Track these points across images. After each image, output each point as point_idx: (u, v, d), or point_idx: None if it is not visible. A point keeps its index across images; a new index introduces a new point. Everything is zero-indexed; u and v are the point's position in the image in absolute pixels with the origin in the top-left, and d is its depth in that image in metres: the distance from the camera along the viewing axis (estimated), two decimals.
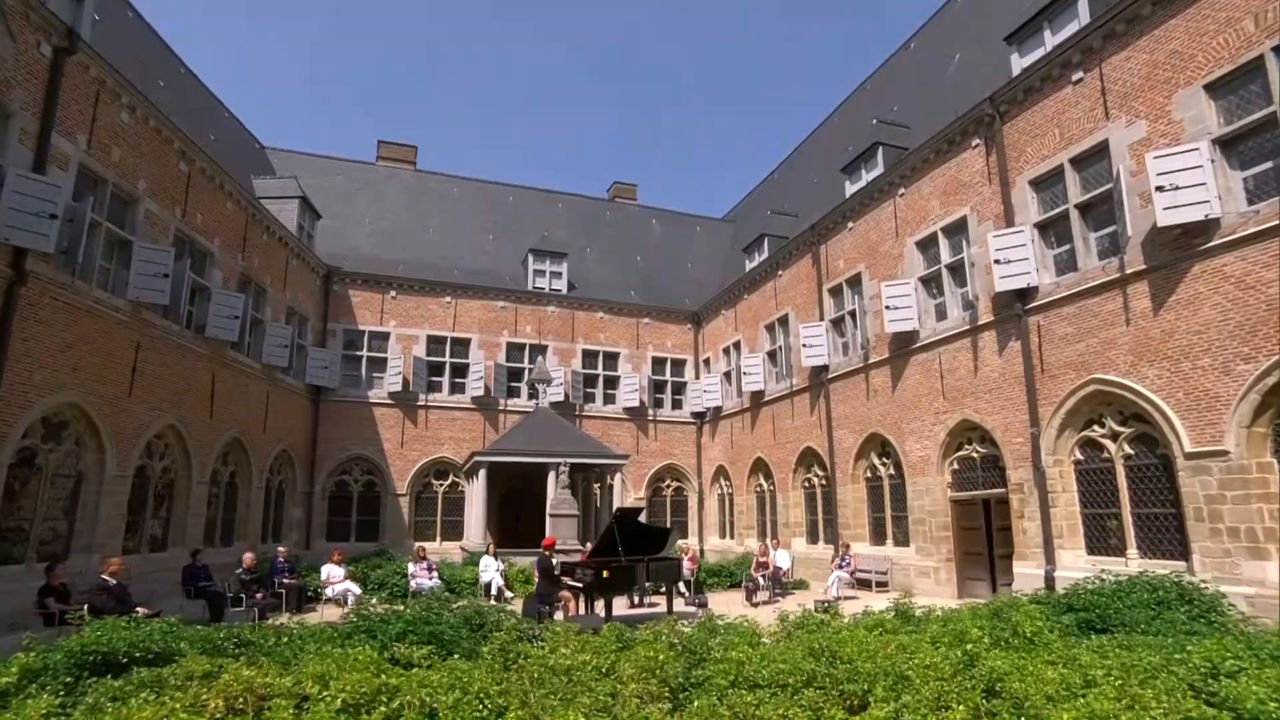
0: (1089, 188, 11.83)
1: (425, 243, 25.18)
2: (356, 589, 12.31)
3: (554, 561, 10.40)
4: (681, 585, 14.46)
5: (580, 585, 9.68)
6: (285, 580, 11.97)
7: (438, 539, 21.76)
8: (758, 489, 21.89)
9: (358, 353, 22.04)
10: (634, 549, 10.41)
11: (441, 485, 22.34)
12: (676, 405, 25.88)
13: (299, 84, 78.22)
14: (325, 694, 4.43)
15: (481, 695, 4.66)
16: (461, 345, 23.37)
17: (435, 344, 23.05)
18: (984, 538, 13.69)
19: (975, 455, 13.88)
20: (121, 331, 12.48)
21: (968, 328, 13.89)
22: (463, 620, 6.40)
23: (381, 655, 5.55)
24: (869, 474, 16.89)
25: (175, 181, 14.10)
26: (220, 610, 10.60)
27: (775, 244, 21.87)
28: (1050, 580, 11.55)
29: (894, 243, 16.25)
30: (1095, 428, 11.59)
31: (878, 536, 16.48)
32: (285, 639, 6.08)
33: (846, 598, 13.86)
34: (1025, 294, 12.64)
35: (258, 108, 71.38)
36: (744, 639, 6.29)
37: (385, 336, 22.43)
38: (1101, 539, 11.43)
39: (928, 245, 15.38)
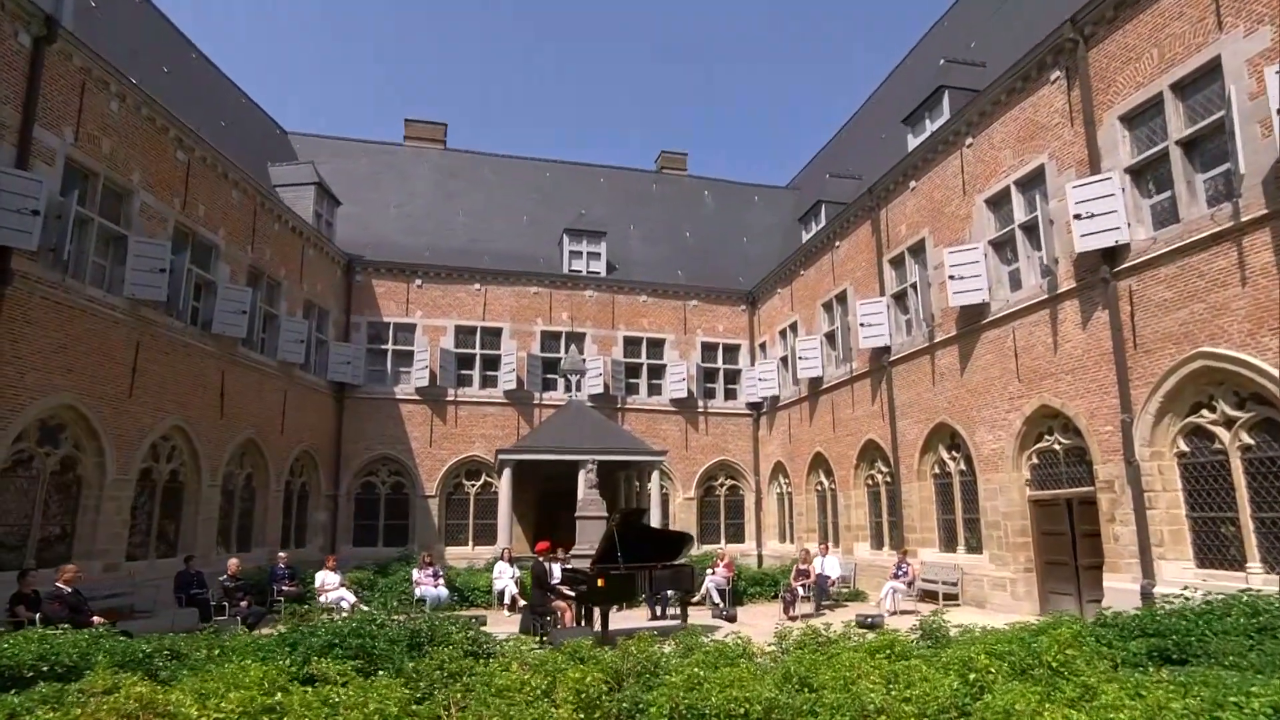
0: (1195, 118, 10.61)
1: (454, 227, 25.58)
2: (351, 597, 12.58)
3: (553, 568, 10.25)
4: (716, 595, 14.14)
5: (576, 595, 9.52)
6: (284, 588, 12.36)
7: (470, 543, 22.16)
8: (818, 487, 21.19)
9: (382, 346, 22.63)
10: (640, 555, 10.15)
11: (473, 486, 22.71)
12: (730, 395, 25.36)
13: (326, 64, 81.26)
14: (203, 714, 4.41)
15: (384, 717, 4.55)
16: (492, 335, 23.63)
17: (464, 335, 23.39)
18: (1070, 545, 12.68)
19: (1057, 448, 12.85)
20: (119, 330, 13.14)
21: (1045, 297, 12.84)
22: (407, 634, 6.32)
23: (300, 671, 5.53)
24: (937, 470, 15.99)
25: (173, 172, 14.72)
26: (209, 619, 11.02)
27: (834, 212, 21.00)
28: (1148, 596, 10.53)
29: (961, 202, 15.24)
30: (1204, 413, 10.45)
31: (948, 542, 15.58)
32: (217, 651, 6.17)
33: (904, 611, 13.15)
34: (1113, 254, 11.53)
35: (283, 92, 74.57)
36: (721, 660, 5.96)
37: (411, 328, 22.93)
38: (1215, 549, 10.32)
39: (999, 203, 14.34)
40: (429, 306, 23.19)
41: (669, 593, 11.71)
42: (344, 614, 11.50)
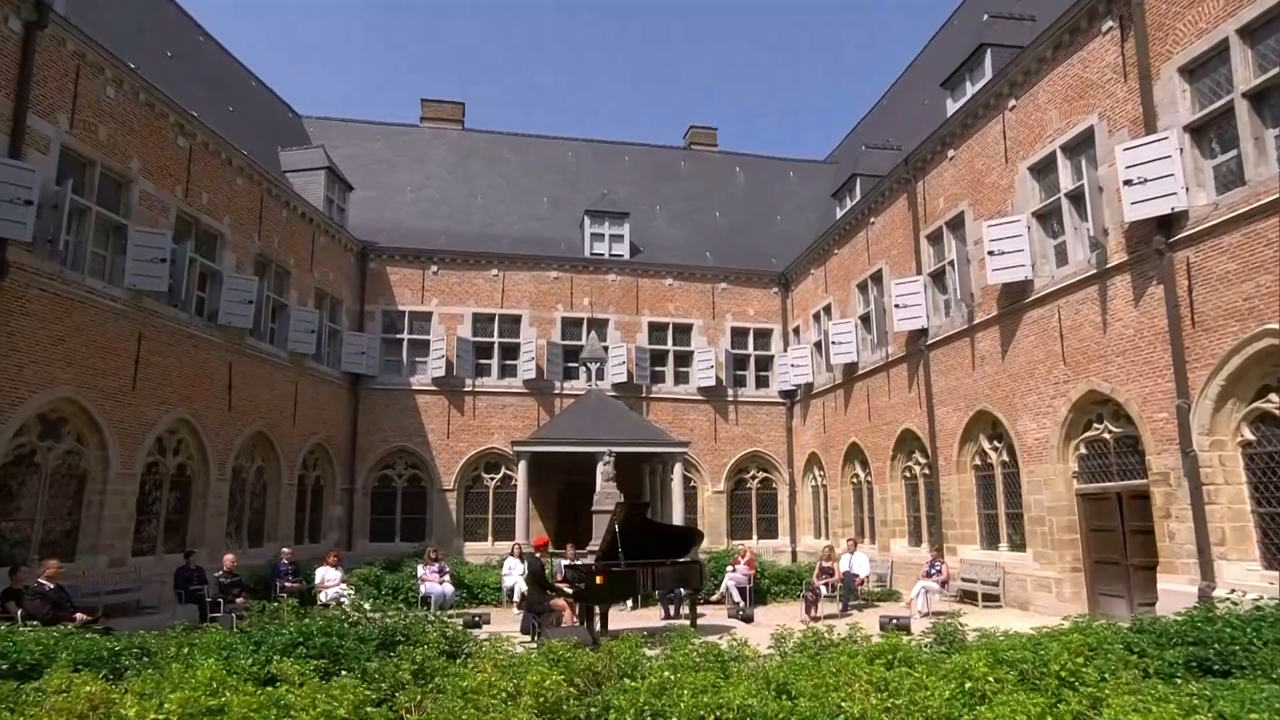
0: (1265, 66, 9.94)
1: (471, 210, 25.69)
2: (351, 593, 12.75)
3: (561, 565, 10.19)
4: (736, 594, 13.97)
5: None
6: (286, 584, 12.57)
7: (489, 538, 22.33)
8: (854, 480, 20.80)
9: (398, 335, 22.87)
10: (646, 552, 10.03)
11: (493, 479, 22.85)
12: (761, 383, 25.03)
13: (342, 45, 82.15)
14: (143, 715, 4.45)
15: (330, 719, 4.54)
16: (511, 323, 23.69)
17: (482, 323, 23.50)
18: (1121, 542, 12.17)
19: (1107, 437, 12.32)
20: (120, 322, 13.46)
21: (1093, 272, 12.28)
22: (380, 632, 6.32)
23: (261, 670, 5.57)
24: (977, 461, 15.51)
25: (174, 158, 14.99)
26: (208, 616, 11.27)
27: (869, 186, 20.47)
28: (1206, 600, 10.00)
29: (1003, 171, 14.68)
30: (1271, 397, 9.87)
31: (990, 538, 15.13)
32: (185, 650, 6.25)
33: (938, 613, 12.77)
34: (1169, 222, 10.93)
35: (299, 75, 75.54)
36: (708, 663, 5.83)
37: (427, 317, 23.11)
38: None
39: (1044, 170, 13.77)
40: (445, 293, 23.34)
41: (681, 591, 11.57)
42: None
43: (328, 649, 5.87)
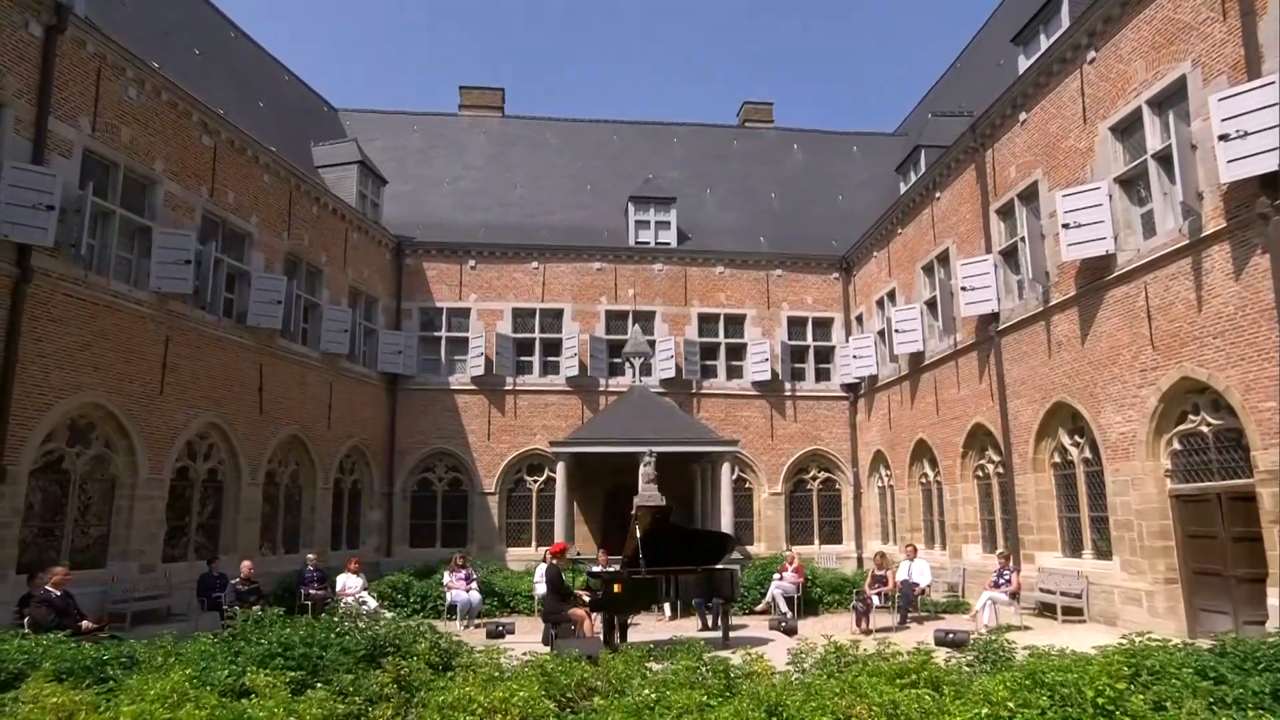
0: None
1: (511, 201, 25.80)
2: (372, 601, 12.85)
3: (596, 571, 9.99)
4: (783, 604, 13.56)
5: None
6: (312, 591, 12.77)
7: (533, 543, 22.38)
8: (922, 480, 20.01)
9: (435, 333, 23.14)
10: (673, 558, 9.75)
11: (535, 482, 22.91)
12: (821, 376, 24.38)
13: (380, 35, 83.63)
14: None
15: None
16: (553, 318, 23.69)
17: (522, 318, 23.56)
18: (1223, 550, 11.22)
19: (1205, 430, 11.41)
20: (146, 325, 13.93)
21: (1186, 243, 11.37)
22: (368, 643, 6.25)
23: (236, 682, 5.58)
24: (1056, 459, 14.66)
25: (198, 157, 15.43)
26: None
27: (935, 158, 19.58)
28: None
29: (1081, 133, 13.79)
30: None
31: (1073, 544, 14.26)
32: (173, 659, 6.31)
33: (1008, 628, 12.09)
34: (1275, 181, 9.99)
35: (336, 67, 77.15)
36: (713, 681, 5.55)
37: (465, 313, 23.31)
38: None
39: (1129, 130, 12.86)
40: (484, 289, 23.49)
41: (716, 600, 11.24)
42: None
43: (307, 660, 5.84)
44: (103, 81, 13.31)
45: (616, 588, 8.89)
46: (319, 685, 5.56)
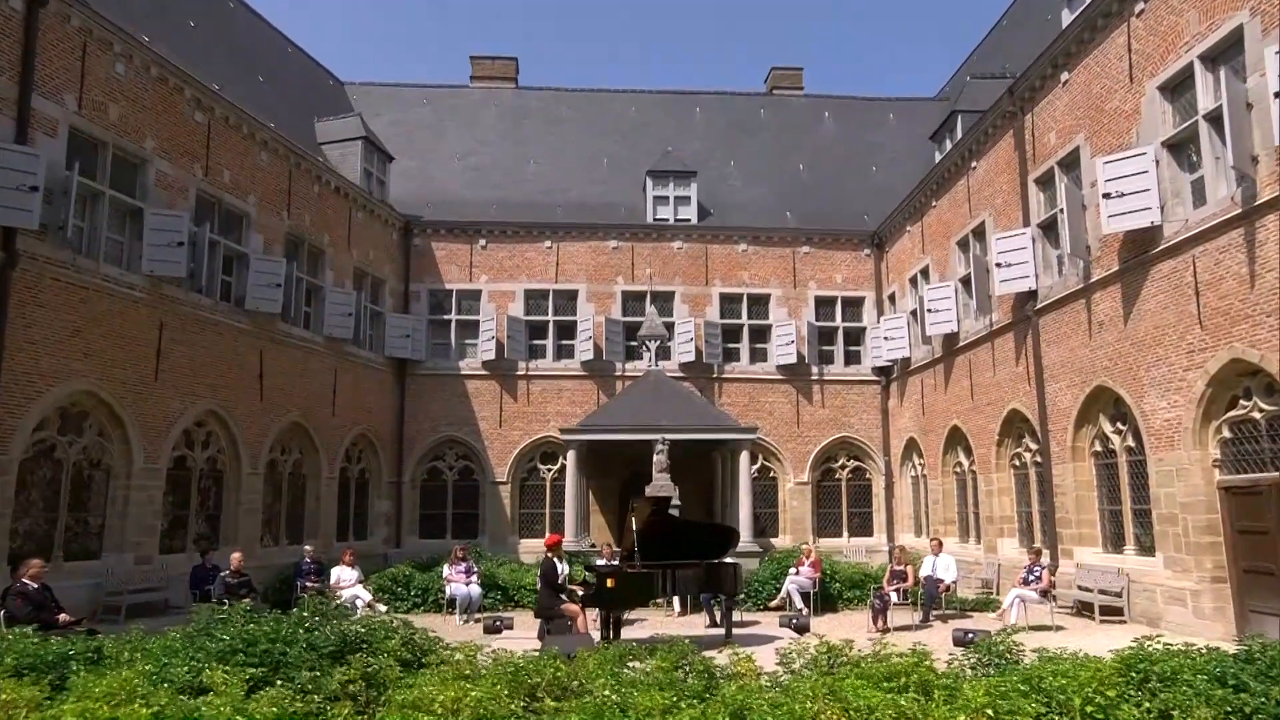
0: None
1: (524, 177, 25.65)
2: (366, 595, 12.90)
3: (594, 565, 9.89)
4: (798, 600, 13.38)
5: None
6: (308, 584, 12.86)
7: (547, 534, 22.32)
8: (957, 469, 19.60)
9: (445, 316, 23.16)
10: (674, 552, 9.62)
11: (549, 471, 22.88)
12: (851, 359, 23.98)
13: (388, 3, 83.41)
14: None
15: None
16: (566, 299, 23.58)
17: (535, 300, 23.48)
18: (1276, 547, 10.77)
19: (1257, 416, 10.93)
20: (139, 310, 14.05)
21: (1238, 211, 10.85)
22: (337, 639, 6.23)
23: (194, 679, 5.60)
24: (1097, 447, 14.21)
25: (192, 135, 15.48)
26: None
27: (971, 124, 18.99)
28: None
29: (1126, 93, 13.22)
30: None
31: (1115, 539, 13.83)
32: (139, 655, 6.35)
33: (1038, 627, 11.78)
34: None
35: (344, 38, 76.95)
36: (689, 682, 5.45)
37: (476, 295, 23.29)
38: None
39: (1178, 89, 12.30)
40: (495, 269, 23.43)
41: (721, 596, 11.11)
42: (356, 614, 11.81)
43: (269, 657, 5.84)
44: (89, 57, 13.35)
45: (610, 582, 8.80)
46: (279, 683, 5.55)
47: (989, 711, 4.21)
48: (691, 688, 5.27)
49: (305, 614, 6.68)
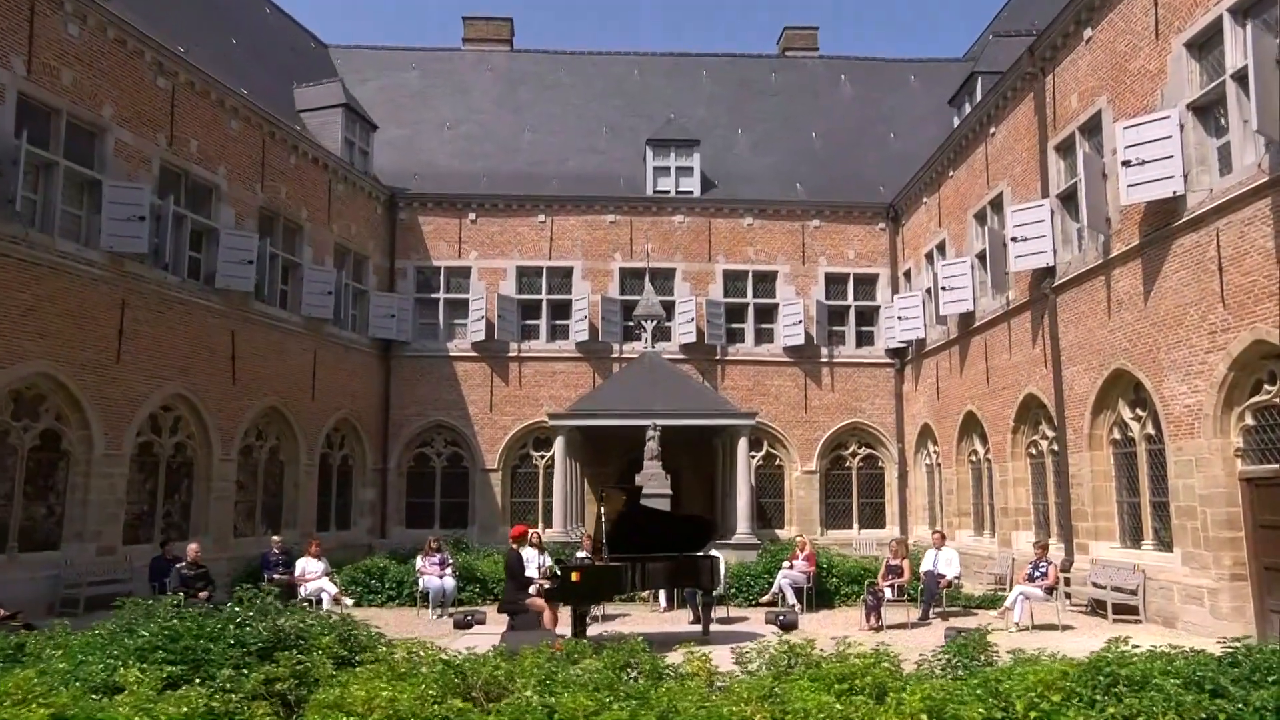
0: None
1: (518, 147, 25.46)
2: (333, 588, 12.93)
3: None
4: (791, 595, 13.29)
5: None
6: (275, 576, 12.90)
7: (539, 524, 22.31)
8: (972, 458, 19.38)
9: (433, 295, 23.09)
10: (649, 545, 9.55)
11: (543, 458, 22.82)
12: (864, 340, 23.74)
13: None
14: None
15: None
16: (561, 277, 23.46)
17: (528, 277, 23.37)
18: None
19: None
20: (99, 289, 14.01)
21: (1266, 179, 10.49)
22: (269, 634, 6.23)
23: (109, 677, 5.61)
24: (1116, 435, 13.96)
25: (154, 102, 15.39)
26: None
27: (992, 86, 18.60)
28: None
29: (1151, 51, 12.85)
30: None
31: (1134, 533, 13.61)
32: (60, 650, 6.37)
33: (1045, 626, 11.64)
34: None
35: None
36: (645, 683, 5.41)
37: (465, 272, 23.20)
38: None
39: (1206, 46, 11.92)
40: (485, 245, 23.32)
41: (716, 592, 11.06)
42: (322, 608, 11.85)
43: (191, 654, 5.84)
44: (37, 18, 13.20)
45: (575, 576, 8.72)
46: (198, 681, 5.55)
47: (923, 717, 4.11)
48: (632, 689, 5.22)
49: (236, 609, 6.64)
